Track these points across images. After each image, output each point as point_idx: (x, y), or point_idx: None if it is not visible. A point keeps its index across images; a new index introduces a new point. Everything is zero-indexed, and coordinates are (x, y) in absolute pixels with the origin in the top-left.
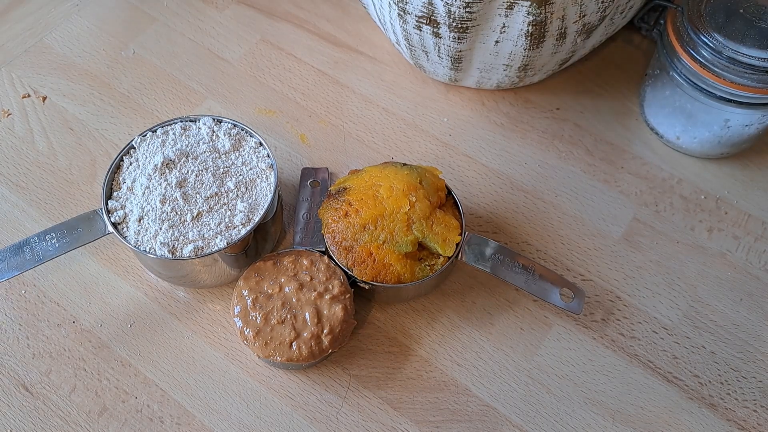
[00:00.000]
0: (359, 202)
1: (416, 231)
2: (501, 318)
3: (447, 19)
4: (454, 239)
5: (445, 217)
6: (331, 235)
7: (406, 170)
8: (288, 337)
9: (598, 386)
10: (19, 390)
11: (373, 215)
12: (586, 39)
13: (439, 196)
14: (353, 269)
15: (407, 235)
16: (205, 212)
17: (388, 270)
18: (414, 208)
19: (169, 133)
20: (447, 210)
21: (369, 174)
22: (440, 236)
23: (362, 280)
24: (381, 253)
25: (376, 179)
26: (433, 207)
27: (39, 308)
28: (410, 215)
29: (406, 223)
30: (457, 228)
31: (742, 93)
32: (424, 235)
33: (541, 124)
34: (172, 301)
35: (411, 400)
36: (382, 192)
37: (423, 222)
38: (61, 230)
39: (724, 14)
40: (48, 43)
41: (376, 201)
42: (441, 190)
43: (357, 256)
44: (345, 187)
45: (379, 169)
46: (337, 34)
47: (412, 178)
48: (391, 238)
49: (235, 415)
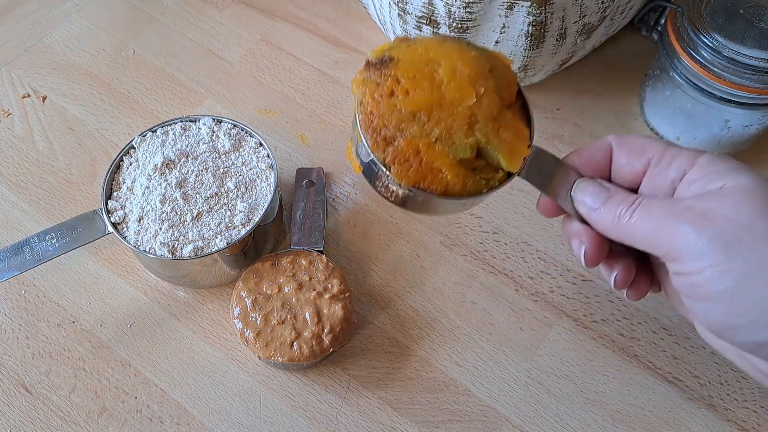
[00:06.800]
0: (410, 81)
1: (479, 133)
2: (501, 318)
3: (447, 20)
4: (522, 151)
5: (515, 122)
6: (368, 117)
7: (474, 51)
8: (289, 337)
9: (598, 386)
10: (19, 390)
11: (428, 102)
12: (586, 39)
13: (510, 93)
14: (391, 167)
15: (468, 136)
16: (205, 212)
17: (436, 176)
18: (481, 103)
19: (169, 133)
20: (515, 114)
21: (424, 46)
22: (507, 145)
23: (399, 183)
24: (431, 153)
25: (435, 54)
26: (503, 105)
27: (39, 308)
28: (475, 111)
29: (469, 121)
30: (527, 137)
31: (742, 93)
32: (489, 140)
33: (541, 125)
34: (172, 301)
35: (411, 400)
36: (441, 73)
37: (489, 123)
38: (60, 230)
39: (724, 14)
40: (48, 43)
41: (433, 84)
42: (513, 85)
43: (399, 152)
44: (391, 56)
45: (438, 43)
46: (337, 34)
47: (481, 62)
48: (447, 136)
49: (235, 415)
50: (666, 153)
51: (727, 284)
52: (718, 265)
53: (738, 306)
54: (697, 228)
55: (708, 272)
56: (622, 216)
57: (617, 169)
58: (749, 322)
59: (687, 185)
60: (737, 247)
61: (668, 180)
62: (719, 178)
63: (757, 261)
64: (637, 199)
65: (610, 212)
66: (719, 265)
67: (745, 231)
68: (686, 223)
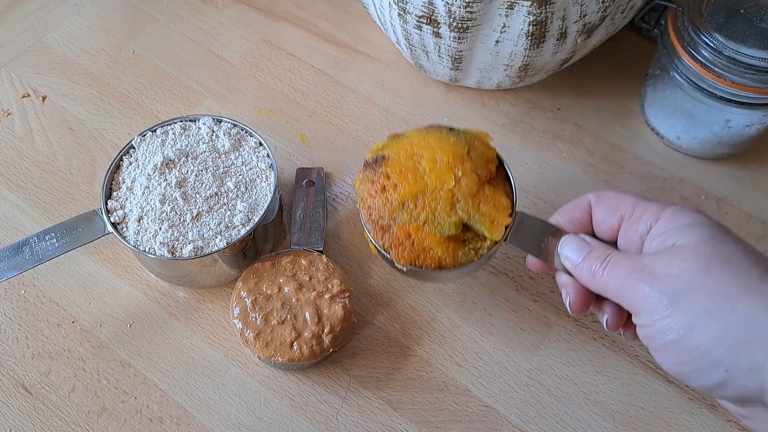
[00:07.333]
0: (398, 175)
1: (461, 211)
2: (501, 318)
3: (447, 19)
4: (503, 221)
5: (495, 195)
6: (367, 211)
7: (453, 137)
8: (289, 337)
9: (598, 387)
10: (19, 390)
11: (413, 192)
12: (586, 39)
13: (489, 169)
14: (390, 251)
15: (451, 215)
16: (204, 212)
17: (428, 254)
18: (460, 184)
19: (168, 133)
20: (497, 184)
21: (410, 141)
22: (488, 217)
23: (399, 263)
24: (421, 235)
25: (418, 148)
26: (481, 182)
27: (38, 308)
28: (455, 192)
29: (450, 202)
30: (507, 207)
31: (742, 93)
32: (470, 215)
33: (542, 125)
34: (172, 301)
35: (411, 400)
36: (424, 164)
37: (469, 201)
38: (60, 230)
39: (724, 14)
40: (48, 43)
41: (417, 175)
42: (491, 161)
43: (394, 238)
44: (383, 155)
45: (422, 135)
46: (337, 34)
47: (459, 147)
48: (432, 218)
49: (234, 415)
50: (636, 208)
51: (673, 336)
52: (665, 319)
53: (684, 355)
54: (650, 285)
55: (658, 325)
56: (596, 271)
57: (597, 225)
58: (695, 369)
59: (651, 240)
60: (680, 302)
61: (638, 234)
62: (674, 235)
63: (697, 314)
64: (609, 255)
65: (587, 267)
66: (666, 318)
67: (687, 287)
68: (642, 281)
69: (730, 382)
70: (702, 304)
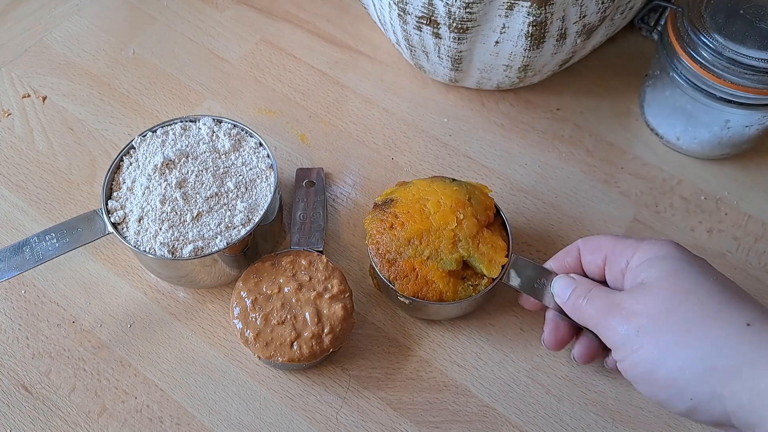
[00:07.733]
0: (405, 215)
1: (462, 249)
2: (501, 318)
3: (447, 20)
4: (499, 260)
5: (492, 237)
6: (375, 246)
7: (455, 186)
8: (289, 337)
9: (597, 387)
10: (19, 390)
11: (418, 230)
12: (586, 39)
13: (488, 215)
14: (395, 283)
15: (452, 252)
16: (204, 212)
17: (430, 287)
18: (461, 225)
19: (169, 133)
20: (495, 230)
21: (417, 187)
22: (486, 256)
23: (403, 294)
24: (424, 269)
25: (423, 193)
26: (480, 226)
27: (39, 308)
28: (456, 233)
29: (452, 241)
30: (503, 249)
31: (742, 94)
32: (470, 254)
33: (542, 125)
34: (172, 302)
35: (411, 400)
36: (429, 207)
37: (469, 240)
38: (60, 230)
39: (724, 15)
40: (48, 43)
41: (422, 215)
42: (490, 209)
43: (400, 270)
44: (392, 198)
45: (428, 183)
46: (337, 34)
47: (460, 194)
48: (435, 254)
49: (234, 415)
50: (616, 246)
51: (642, 369)
52: (634, 353)
53: (654, 386)
54: (620, 322)
55: (630, 359)
56: (579, 305)
57: (586, 266)
58: (667, 397)
59: (629, 274)
60: (645, 337)
61: (619, 270)
62: (644, 269)
63: (662, 348)
64: (590, 291)
65: (572, 301)
66: (636, 352)
67: (652, 323)
68: (613, 317)
69: (698, 408)
70: (665, 339)
